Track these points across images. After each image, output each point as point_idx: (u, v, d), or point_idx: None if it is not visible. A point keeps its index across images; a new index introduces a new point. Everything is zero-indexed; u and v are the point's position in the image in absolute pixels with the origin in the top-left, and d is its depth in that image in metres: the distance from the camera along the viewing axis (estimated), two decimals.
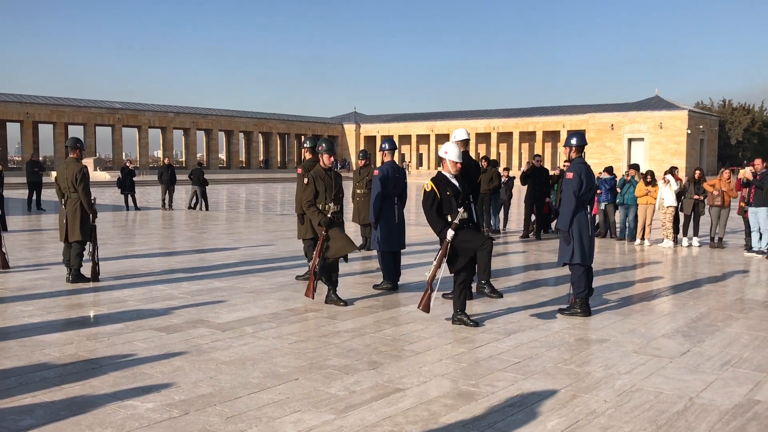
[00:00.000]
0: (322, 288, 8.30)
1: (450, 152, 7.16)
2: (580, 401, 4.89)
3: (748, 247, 13.44)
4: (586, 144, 8.06)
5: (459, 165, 7.20)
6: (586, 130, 70.66)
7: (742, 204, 13.87)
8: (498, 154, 78.23)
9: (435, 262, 6.97)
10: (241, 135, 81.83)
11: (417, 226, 18.69)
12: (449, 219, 6.93)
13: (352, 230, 16.19)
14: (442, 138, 78.15)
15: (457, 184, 7.13)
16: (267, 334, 6.70)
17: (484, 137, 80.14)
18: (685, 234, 14.78)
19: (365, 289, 9.13)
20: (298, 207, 9.41)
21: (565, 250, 7.62)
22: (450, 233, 6.87)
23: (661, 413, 4.67)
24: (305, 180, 8.07)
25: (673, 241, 14.59)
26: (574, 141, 7.81)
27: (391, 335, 6.71)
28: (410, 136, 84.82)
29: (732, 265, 11.91)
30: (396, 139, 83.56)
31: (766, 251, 12.93)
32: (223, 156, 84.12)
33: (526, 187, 16.44)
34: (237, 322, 7.16)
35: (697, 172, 14.95)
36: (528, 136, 77.98)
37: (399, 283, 9.12)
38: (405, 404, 4.80)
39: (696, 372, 5.62)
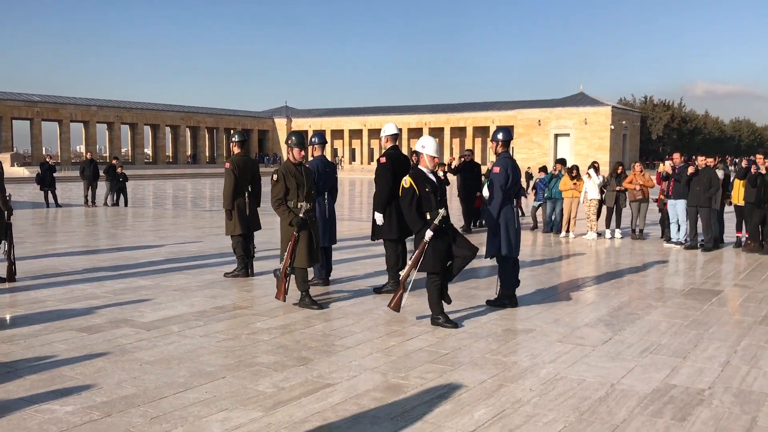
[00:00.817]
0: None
1: (428, 146, 6.93)
2: (507, 390, 4.98)
3: (667, 239, 13.99)
4: (512, 139, 8.21)
5: (437, 159, 7.00)
6: (514, 125, 72.16)
7: (662, 197, 14.43)
8: None
9: (410, 262, 6.76)
10: (168, 129, 79.91)
11: (350, 221, 18.70)
12: (428, 217, 6.70)
13: None
14: (374, 133, 78.30)
15: (434, 180, 6.92)
16: (194, 333, 6.55)
17: (415, 132, 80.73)
18: (607, 226, 15.27)
19: (295, 285, 9.03)
20: (226, 203, 9.25)
21: (492, 243, 7.74)
22: (429, 234, 6.62)
23: (583, 400, 4.81)
24: (274, 176, 7.59)
25: (597, 233, 15.06)
26: (500, 136, 7.94)
27: (322, 331, 6.68)
28: (342, 130, 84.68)
29: (652, 255, 12.38)
30: (328, 134, 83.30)
31: (684, 242, 13.49)
32: (149, 151, 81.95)
33: (457, 180, 16.66)
34: (162, 321, 6.98)
35: (620, 167, 15.45)
36: (459, 132, 79.06)
37: (329, 278, 9.08)
38: (334, 399, 4.78)
39: (617, 359, 5.81)
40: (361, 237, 13.84)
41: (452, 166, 17.13)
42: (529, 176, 31.98)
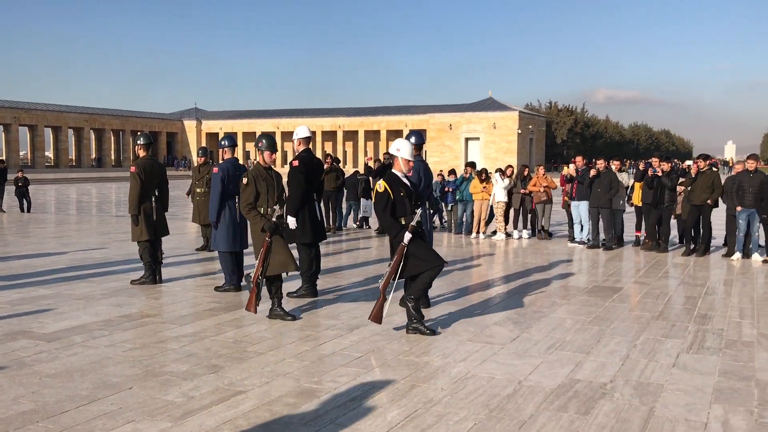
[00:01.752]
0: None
1: (402, 149, 6.74)
2: (419, 390, 5.05)
3: (571, 238, 14.55)
4: (425, 142, 8.33)
5: (412, 163, 6.84)
6: (426, 129, 73.23)
7: (566, 198, 14.99)
8: (344, 152, 79.08)
9: (389, 269, 6.55)
10: (71, 131, 76.51)
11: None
12: (403, 222, 6.55)
13: (195, 231, 15.69)
14: (288, 135, 77.62)
15: (408, 183, 6.79)
16: (98, 343, 6.30)
17: (330, 135, 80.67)
18: (515, 227, 15.72)
19: (206, 291, 8.86)
20: (131, 207, 8.95)
21: None
22: (407, 236, 6.45)
23: (493, 397, 4.93)
24: (244, 180, 7.27)
25: (505, 233, 15.48)
26: (413, 139, 8.02)
27: (233, 337, 6.56)
28: (255, 133, 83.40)
29: (557, 254, 12.83)
30: (240, 137, 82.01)
31: (587, 241, 14.05)
32: (50, 154, 78.20)
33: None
34: (64, 332, 6.67)
35: (525, 170, 15.95)
36: (373, 135, 79.52)
37: (241, 284, 8.94)
38: (246, 406, 4.71)
39: (524, 356, 5.99)
40: None
41: (368, 165, 17.21)
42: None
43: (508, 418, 4.54)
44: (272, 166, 7.52)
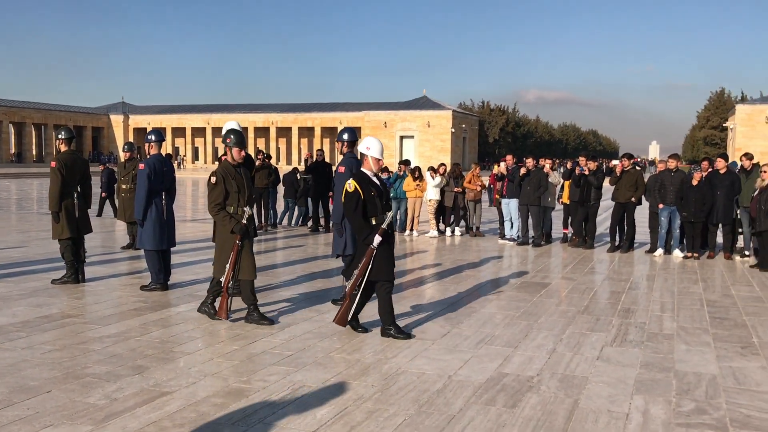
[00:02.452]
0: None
1: (372, 148, 6.57)
2: (350, 388, 5.03)
3: (502, 235, 14.80)
4: (358, 139, 8.30)
5: (382, 162, 6.65)
6: (361, 126, 73.24)
7: (497, 196, 15.24)
8: (277, 149, 78.28)
9: (357, 272, 6.38)
10: None
11: (194, 223, 18.08)
12: (374, 222, 6.38)
13: (121, 229, 15.22)
14: (219, 131, 76.24)
15: (379, 183, 6.61)
16: (15, 345, 6.02)
17: (263, 131, 79.69)
18: (448, 225, 15.89)
19: (132, 290, 8.60)
20: (52, 204, 8.60)
21: (338, 243, 7.79)
22: (377, 239, 6.29)
23: (423, 392, 4.95)
24: (212, 179, 6.85)
25: (438, 231, 15.63)
26: (345, 136, 8.01)
27: (159, 337, 6.38)
28: (185, 128, 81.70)
29: (488, 251, 13.04)
30: (169, 132, 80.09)
31: (516, 238, 14.32)
32: None
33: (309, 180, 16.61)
34: None
35: (458, 168, 16.13)
36: (307, 132, 78.97)
37: (169, 283, 8.71)
38: (172, 407, 4.58)
39: (455, 351, 6.05)
40: (204, 239, 13.42)
41: (308, 163, 17.08)
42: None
43: (437, 412, 4.57)
44: (241, 164, 7.12)
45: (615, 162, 14.70)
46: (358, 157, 6.77)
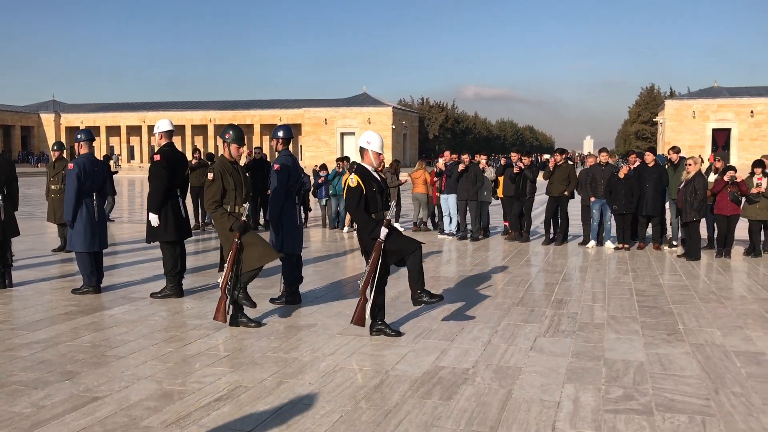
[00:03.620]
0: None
1: (373, 142, 6.40)
2: (286, 386, 5.01)
3: (441, 230, 14.97)
4: (293, 137, 8.26)
5: (383, 156, 6.51)
6: (302, 124, 72.84)
7: (436, 192, 15.40)
8: (216, 147, 77.05)
9: (368, 268, 6.21)
10: None
11: (130, 224, 17.66)
12: (374, 217, 6.25)
13: (53, 231, 14.76)
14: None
15: (379, 179, 6.46)
16: None
17: (200, 129, 78.33)
18: (397, 220, 15.97)
19: (63, 294, 8.35)
20: None
21: (275, 240, 7.73)
22: (384, 231, 6.17)
23: (360, 389, 4.97)
24: (210, 175, 6.68)
25: None
26: (280, 134, 7.95)
27: (91, 342, 6.22)
28: (119, 127, 79.59)
29: (427, 246, 13.13)
30: (103, 131, 77.95)
31: (455, 233, 14.50)
32: None
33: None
34: None
35: (397, 164, 16.23)
36: (246, 129, 77.86)
37: (102, 285, 8.49)
38: (103, 413, 4.48)
39: (392, 347, 6.09)
40: (138, 240, 13.12)
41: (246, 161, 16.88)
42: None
43: (373, 408, 4.60)
44: (237, 161, 6.94)
45: (547, 156, 15.03)
46: (359, 153, 6.56)
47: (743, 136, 60.71)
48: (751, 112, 60.78)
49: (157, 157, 7.88)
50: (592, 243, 12.94)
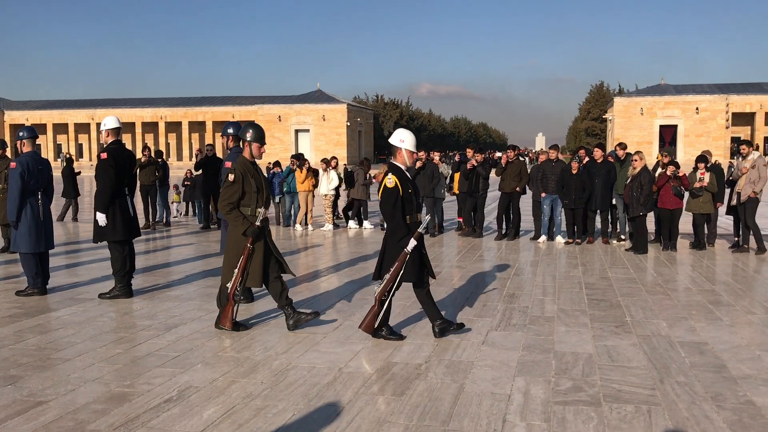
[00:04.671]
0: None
1: (406, 140, 6.11)
2: (238, 386, 4.96)
3: None
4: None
5: (416, 155, 6.16)
6: (255, 120, 72.03)
7: None
8: (167, 144, 75.81)
9: (389, 276, 5.98)
10: None
11: (76, 223, 17.24)
12: (408, 220, 5.99)
13: None
14: None
15: (410, 177, 6.18)
16: None
17: (150, 126, 76.92)
18: (350, 218, 15.94)
19: (7, 296, 8.11)
20: None
21: (225, 239, 7.63)
22: (412, 244, 5.91)
23: (313, 386, 4.96)
24: (230, 176, 6.34)
25: (333, 224, 15.65)
26: (231, 130, 7.87)
27: (36, 345, 6.05)
28: (67, 124, 77.57)
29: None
30: (50, 128, 75.92)
31: None
32: None
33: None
34: None
35: (367, 162, 16.23)
36: (198, 126, 76.85)
37: (48, 287, 8.27)
38: (48, 417, 4.36)
39: (346, 344, 6.09)
40: (86, 240, 12.83)
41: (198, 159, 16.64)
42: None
43: (326, 405, 4.59)
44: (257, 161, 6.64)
45: (499, 154, 15.25)
46: (392, 151, 6.24)
47: (689, 133, 62.45)
48: (697, 109, 62.54)
49: (104, 155, 7.71)
50: (543, 238, 13.15)
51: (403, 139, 6.14)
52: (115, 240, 7.78)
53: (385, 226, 6.20)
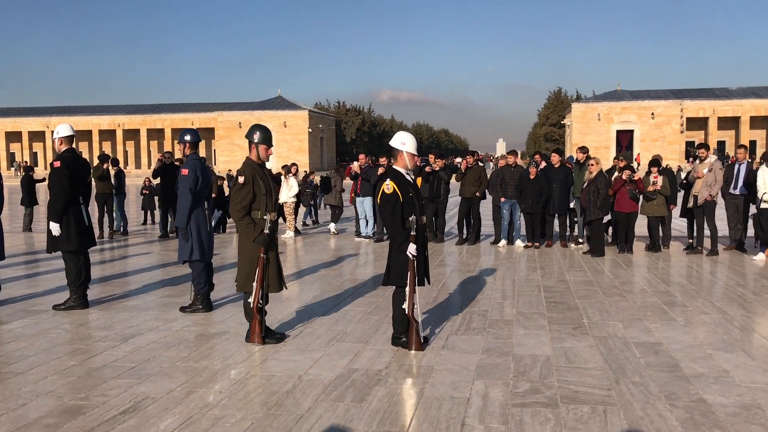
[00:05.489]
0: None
1: (408, 143, 6.01)
2: (196, 396, 4.90)
3: (358, 233, 15.01)
4: (200, 140, 8.09)
5: (418, 159, 6.05)
6: (215, 127, 71.52)
7: (352, 195, 15.44)
8: (125, 152, 74.65)
9: (408, 288, 5.86)
10: None
11: (28, 233, 16.85)
12: (406, 226, 5.85)
13: None
14: None
15: (412, 180, 6.08)
16: None
17: (108, 134, 75.67)
18: (336, 221, 15.89)
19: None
20: None
21: (184, 248, 7.55)
22: (412, 249, 5.82)
23: (272, 395, 4.92)
24: (240, 179, 6.14)
25: (294, 231, 15.58)
26: (188, 137, 7.78)
27: None
28: (21, 133, 75.83)
29: (344, 249, 13.17)
30: (2, 136, 74.16)
31: (372, 235, 14.57)
32: None
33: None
34: None
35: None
36: (156, 134, 75.87)
37: (0, 298, 8.07)
38: None
39: (306, 351, 6.06)
40: (40, 250, 12.54)
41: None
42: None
43: (285, 413, 4.56)
44: (265, 164, 6.48)
45: (459, 159, 15.40)
46: (393, 154, 6.16)
47: (645, 137, 63.80)
48: (652, 114, 63.96)
49: (57, 164, 7.56)
50: (503, 242, 13.28)
51: (404, 141, 6.06)
52: (69, 250, 7.63)
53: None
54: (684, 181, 12.48)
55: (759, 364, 5.59)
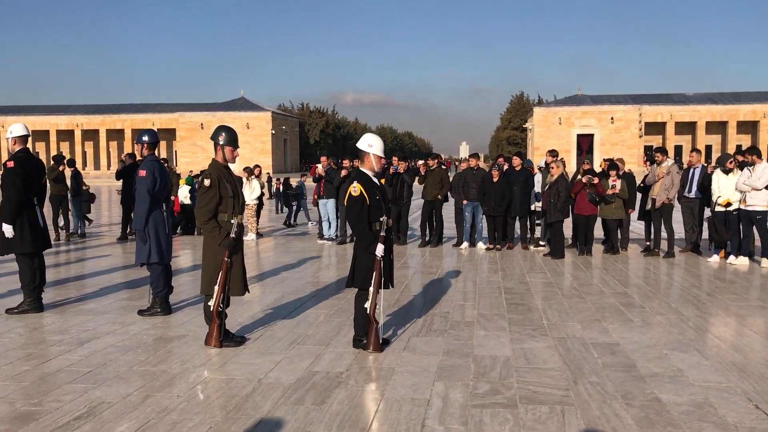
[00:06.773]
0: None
1: (374, 145, 6.06)
2: (153, 401, 4.82)
3: (321, 235, 14.96)
4: (159, 141, 7.99)
5: (384, 161, 6.03)
6: (176, 128, 70.64)
7: (315, 196, 15.39)
8: (84, 152, 73.26)
9: (372, 289, 5.88)
10: None
11: None
12: (377, 226, 5.89)
13: None
14: None
15: (378, 183, 6.12)
16: None
17: (66, 135, 74.18)
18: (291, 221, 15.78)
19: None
20: None
21: (142, 250, 7.43)
22: (380, 249, 5.85)
23: (231, 398, 4.87)
24: (206, 181, 6.05)
25: (257, 233, 15.47)
26: (146, 138, 7.67)
27: None
28: None
29: (307, 252, 13.11)
30: None
31: (335, 238, 14.54)
32: None
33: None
34: None
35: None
36: (116, 134, 74.61)
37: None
38: None
39: (266, 354, 6.01)
40: None
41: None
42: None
43: (245, 417, 4.52)
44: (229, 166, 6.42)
45: (420, 162, 15.49)
46: (360, 156, 6.18)
47: (605, 141, 64.92)
48: (612, 118, 65.12)
49: (10, 164, 7.37)
50: (465, 244, 13.37)
51: (371, 143, 6.10)
52: (23, 252, 7.45)
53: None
54: (641, 184, 12.72)
55: (712, 363, 5.73)
